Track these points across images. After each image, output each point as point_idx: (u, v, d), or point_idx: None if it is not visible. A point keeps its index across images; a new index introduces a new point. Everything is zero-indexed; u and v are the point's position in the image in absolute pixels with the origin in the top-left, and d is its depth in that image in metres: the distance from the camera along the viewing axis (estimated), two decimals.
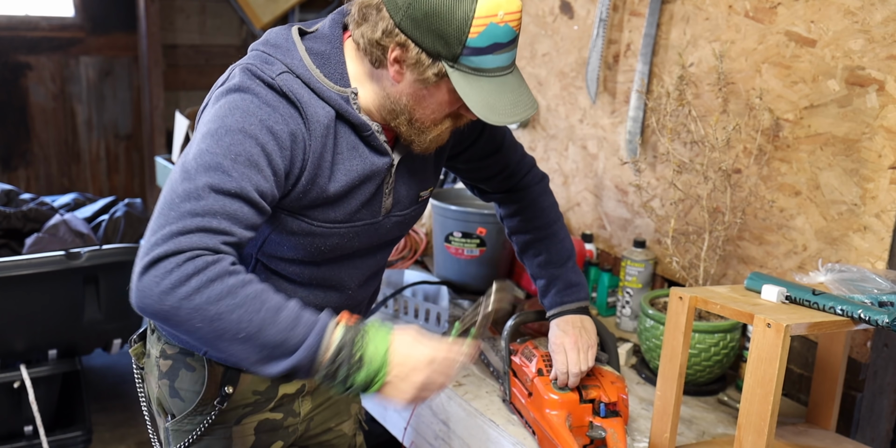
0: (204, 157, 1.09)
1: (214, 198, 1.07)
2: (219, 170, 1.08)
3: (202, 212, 1.06)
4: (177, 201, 1.06)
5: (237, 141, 1.10)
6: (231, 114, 1.12)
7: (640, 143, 2.09)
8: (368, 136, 1.24)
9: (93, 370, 3.36)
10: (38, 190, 4.39)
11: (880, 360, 1.65)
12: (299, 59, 1.20)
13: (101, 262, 2.55)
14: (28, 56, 4.24)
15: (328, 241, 1.27)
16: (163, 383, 1.38)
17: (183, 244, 1.03)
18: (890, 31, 1.51)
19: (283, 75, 1.17)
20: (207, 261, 1.03)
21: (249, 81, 1.16)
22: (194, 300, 1.02)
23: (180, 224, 1.04)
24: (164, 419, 1.41)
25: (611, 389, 1.48)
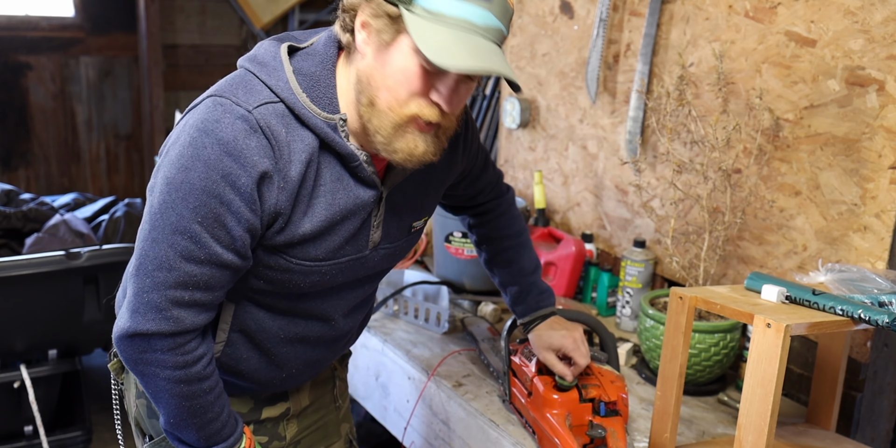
0: (170, 216, 1.06)
1: (186, 267, 1.08)
2: (187, 234, 1.06)
3: (175, 284, 1.08)
4: (150, 268, 1.08)
5: (202, 202, 1.05)
6: (194, 166, 1.05)
7: (640, 143, 2.09)
8: (355, 167, 1.15)
9: (93, 370, 3.36)
10: (38, 190, 4.39)
11: (880, 360, 1.65)
12: (285, 81, 1.11)
13: (101, 262, 2.55)
14: (28, 56, 4.24)
15: (308, 278, 1.20)
16: (140, 403, 1.34)
17: (163, 326, 1.09)
18: (890, 31, 1.51)
19: (261, 108, 1.08)
20: (187, 360, 1.13)
21: (216, 121, 1.06)
22: (161, 385, 1.14)
23: (157, 295, 1.08)
24: (142, 441, 1.36)
25: (611, 389, 1.48)
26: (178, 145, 1.08)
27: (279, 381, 1.34)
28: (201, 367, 1.15)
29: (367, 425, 2.54)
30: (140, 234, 1.11)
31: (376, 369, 2.01)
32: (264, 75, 1.11)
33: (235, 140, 1.05)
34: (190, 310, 1.10)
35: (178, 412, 1.16)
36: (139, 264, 1.10)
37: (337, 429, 1.54)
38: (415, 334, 2.00)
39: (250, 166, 1.06)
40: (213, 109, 1.08)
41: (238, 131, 1.06)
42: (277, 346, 1.28)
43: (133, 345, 1.11)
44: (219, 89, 1.12)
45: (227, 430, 1.21)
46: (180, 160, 1.06)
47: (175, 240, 1.06)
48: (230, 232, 1.08)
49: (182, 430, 1.18)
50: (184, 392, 1.14)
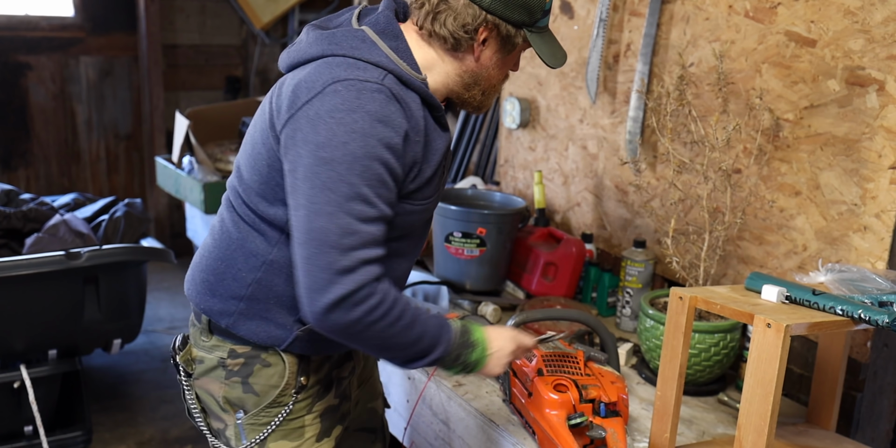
0: (341, 187, 1.20)
1: (364, 229, 1.22)
2: (360, 199, 1.21)
3: (359, 245, 1.22)
4: (334, 239, 1.21)
5: (366, 167, 1.21)
6: (351, 139, 1.20)
7: (640, 143, 2.09)
8: (440, 117, 1.36)
9: (93, 370, 3.36)
10: (38, 190, 4.39)
11: (880, 360, 1.65)
12: (385, 56, 1.29)
13: (101, 262, 2.55)
14: (28, 56, 4.24)
15: (422, 215, 1.40)
16: (233, 381, 1.43)
17: (357, 282, 1.21)
18: (890, 31, 1.51)
19: (387, 78, 1.26)
20: (381, 298, 1.24)
21: (356, 98, 1.21)
22: (377, 326, 1.25)
23: (345, 261, 1.21)
24: (233, 415, 1.45)
25: (611, 389, 1.48)
26: (321, 129, 1.21)
27: None
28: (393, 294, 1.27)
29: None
30: (308, 212, 1.22)
31: None
32: (365, 54, 1.28)
33: (381, 108, 1.22)
34: (374, 264, 1.24)
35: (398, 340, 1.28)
36: (320, 240, 1.21)
37: (376, 387, 1.68)
38: None
39: (398, 127, 1.24)
40: (346, 90, 1.22)
41: (380, 101, 1.23)
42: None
43: (339, 313, 1.21)
44: (335, 75, 1.24)
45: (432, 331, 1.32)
46: (333, 140, 1.20)
47: (351, 207, 1.21)
48: (390, 188, 1.25)
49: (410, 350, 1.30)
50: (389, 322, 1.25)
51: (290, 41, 4.77)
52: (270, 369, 1.42)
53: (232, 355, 1.42)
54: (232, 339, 1.42)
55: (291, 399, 1.44)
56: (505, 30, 1.32)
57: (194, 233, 3.53)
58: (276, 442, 1.44)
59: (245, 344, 1.42)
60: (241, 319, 1.39)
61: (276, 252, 1.36)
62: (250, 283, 1.38)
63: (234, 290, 1.39)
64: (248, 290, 1.38)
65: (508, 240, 2.17)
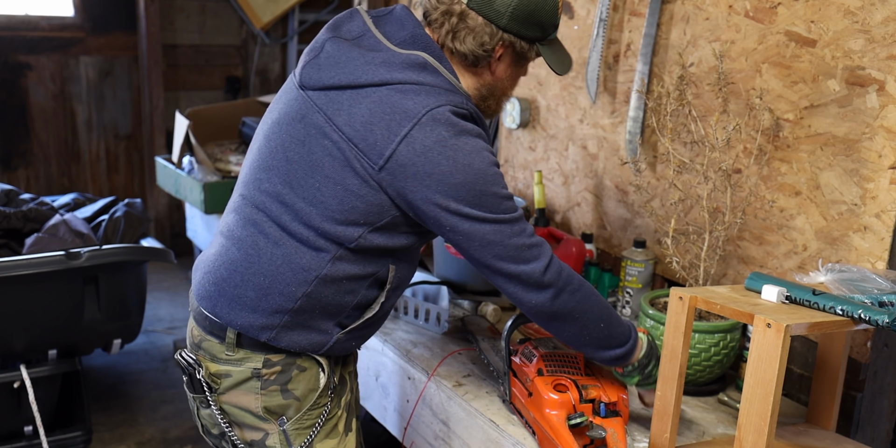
0: (487, 199, 1.33)
1: (523, 223, 1.38)
2: (499, 196, 1.34)
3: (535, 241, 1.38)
4: (508, 231, 1.35)
5: (493, 173, 1.34)
6: (473, 157, 1.31)
7: (640, 143, 2.09)
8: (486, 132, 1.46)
9: (93, 370, 3.36)
10: (38, 190, 4.39)
11: (880, 360, 1.65)
12: (447, 80, 1.37)
13: (101, 262, 2.55)
14: (28, 56, 4.24)
15: None
16: (271, 390, 1.44)
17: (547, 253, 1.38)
18: (890, 31, 1.51)
19: (468, 103, 1.36)
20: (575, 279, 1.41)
21: (460, 124, 1.32)
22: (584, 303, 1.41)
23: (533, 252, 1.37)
24: (275, 423, 1.45)
25: (611, 389, 1.48)
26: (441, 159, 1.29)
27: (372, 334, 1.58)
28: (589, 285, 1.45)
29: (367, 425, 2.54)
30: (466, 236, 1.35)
31: (376, 369, 2.01)
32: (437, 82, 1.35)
33: (475, 131, 1.34)
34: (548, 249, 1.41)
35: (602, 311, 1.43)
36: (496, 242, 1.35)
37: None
38: (415, 334, 2.00)
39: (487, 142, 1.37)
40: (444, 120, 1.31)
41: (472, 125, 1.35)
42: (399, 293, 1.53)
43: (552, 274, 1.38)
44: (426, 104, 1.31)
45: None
46: (456, 164, 1.30)
47: (507, 206, 1.36)
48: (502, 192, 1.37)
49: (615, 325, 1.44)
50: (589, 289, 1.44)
51: (290, 41, 4.79)
52: (307, 373, 1.45)
53: (267, 365, 1.42)
54: (264, 351, 1.42)
55: (328, 399, 1.47)
56: (520, 46, 1.40)
57: (194, 233, 3.53)
58: (322, 442, 1.48)
59: (279, 352, 1.42)
60: (283, 332, 1.39)
61: (330, 267, 1.37)
62: (300, 297, 1.37)
63: (280, 305, 1.38)
64: (296, 304, 1.38)
65: None
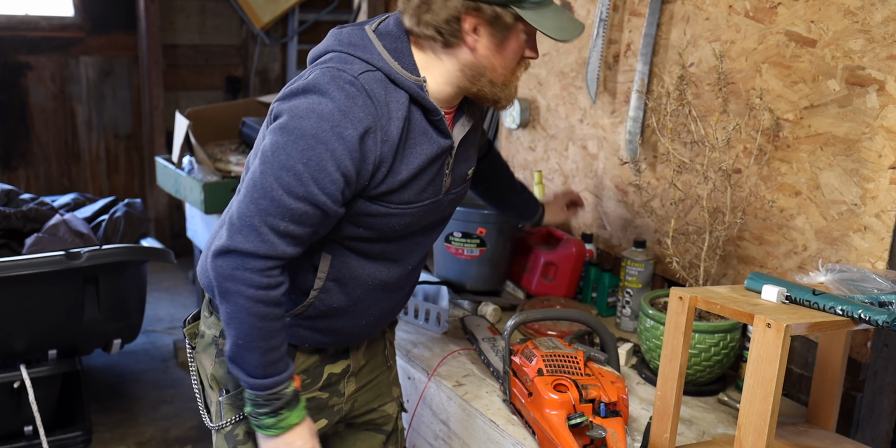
0: (280, 154, 1.24)
1: (285, 200, 1.24)
2: (291, 171, 1.24)
3: (275, 212, 1.25)
4: (256, 196, 1.25)
5: (309, 146, 1.23)
6: (307, 116, 1.24)
7: (640, 143, 2.09)
8: (437, 121, 1.36)
9: (93, 370, 3.36)
10: (38, 190, 4.39)
11: (880, 360, 1.65)
12: (378, 54, 1.32)
13: (101, 262, 2.55)
14: (28, 56, 4.24)
15: (402, 220, 1.39)
16: (220, 361, 1.47)
17: (259, 247, 1.26)
18: (890, 31, 1.51)
19: (364, 75, 1.28)
20: (270, 283, 1.28)
21: (328, 84, 1.26)
22: (240, 302, 1.28)
23: (258, 220, 1.25)
24: (218, 394, 1.50)
25: (611, 389, 1.48)
26: (297, 99, 1.27)
27: (358, 330, 1.51)
28: (279, 293, 1.30)
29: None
30: (251, 169, 1.28)
31: None
32: (358, 52, 1.32)
33: (345, 99, 1.25)
34: (282, 239, 1.26)
35: (248, 332, 1.30)
36: (246, 192, 1.27)
37: (389, 389, 1.67)
38: (415, 334, 2.00)
39: (356, 121, 1.25)
40: (324, 74, 1.27)
41: (347, 92, 1.26)
42: (364, 292, 1.45)
43: (228, 261, 1.26)
44: (326, 62, 1.31)
45: (283, 365, 1.35)
46: (296, 111, 1.25)
47: (281, 175, 1.24)
48: (329, 175, 1.24)
49: (246, 353, 1.31)
50: (260, 312, 1.29)
51: (290, 41, 4.79)
52: None
53: (223, 335, 1.45)
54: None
55: None
56: (491, 11, 1.29)
57: (194, 233, 3.53)
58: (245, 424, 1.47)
59: None
60: None
61: None
62: None
63: None
64: None
65: (508, 240, 2.17)
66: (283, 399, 1.35)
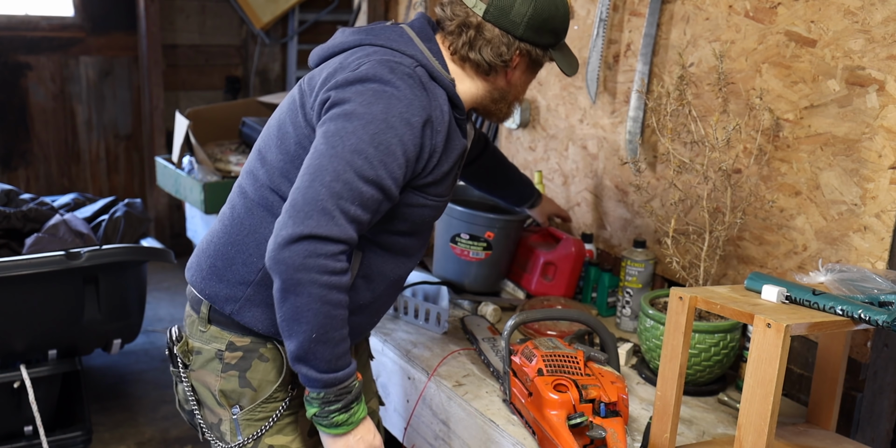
0: (351, 138, 1.25)
1: (357, 183, 1.24)
2: (363, 155, 1.25)
3: (346, 195, 1.24)
4: (328, 178, 1.24)
5: (380, 130, 1.26)
6: (376, 102, 1.27)
7: (640, 143, 2.09)
8: (462, 120, 1.43)
9: (93, 370, 3.36)
10: (38, 190, 4.39)
11: (880, 360, 1.65)
12: (421, 52, 1.38)
13: (101, 262, 2.55)
14: (28, 56, 4.24)
15: (433, 212, 1.44)
16: (229, 375, 1.43)
17: (333, 231, 1.23)
18: (890, 31, 1.51)
19: (418, 68, 1.34)
20: (343, 267, 1.25)
21: (389, 74, 1.29)
22: (314, 291, 1.23)
23: (328, 203, 1.23)
24: (230, 410, 1.45)
25: (611, 389, 1.48)
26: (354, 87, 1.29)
27: (369, 327, 1.54)
28: (349, 279, 1.28)
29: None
30: (314, 155, 1.27)
31: (376, 369, 2.01)
32: (402, 47, 1.37)
33: (408, 88, 1.30)
34: (352, 224, 1.25)
35: (324, 323, 1.25)
36: (314, 175, 1.24)
37: (370, 385, 1.69)
38: (415, 334, 2.00)
39: (420, 109, 1.30)
40: (382, 66, 1.31)
41: (409, 83, 1.30)
42: (385, 287, 1.47)
43: (300, 249, 1.21)
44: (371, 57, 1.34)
45: (348, 358, 1.32)
46: (362, 97, 1.27)
47: (353, 158, 1.24)
48: (396, 160, 1.27)
49: (320, 347, 1.26)
50: (333, 300, 1.25)
51: (290, 41, 4.78)
52: (268, 364, 1.43)
53: (230, 348, 1.43)
54: (231, 330, 1.43)
55: (288, 395, 1.44)
56: (535, 54, 1.42)
57: (194, 233, 3.53)
58: (272, 437, 1.45)
59: (245, 336, 1.42)
60: (247, 305, 1.40)
61: None
62: (260, 268, 1.39)
63: (243, 276, 1.40)
64: (257, 275, 1.39)
65: (513, 243, 2.17)
66: (353, 391, 1.32)
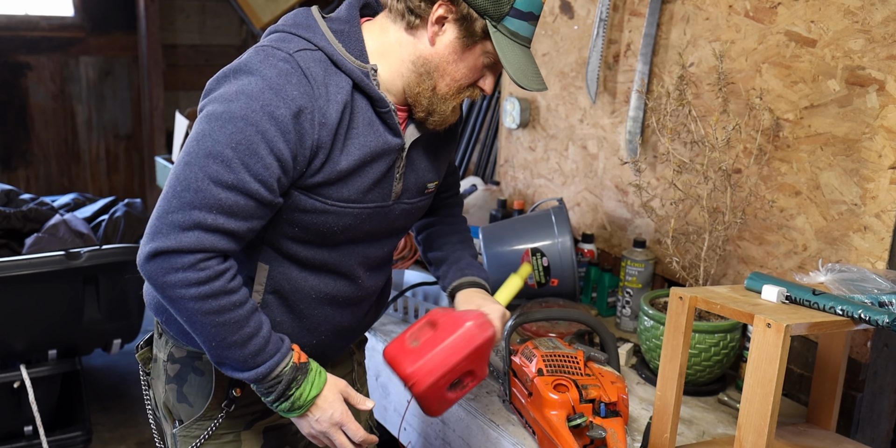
0: (206, 141, 1.13)
1: (213, 190, 1.12)
2: (219, 158, 1.12)
3: (200, 204, 1.12)
4: (179, 188, 1.13)
5: (238, 129, 1.13)
6: (236, 98, 1.14)
7: (640, 143, 2.09)
8: (385, 114, 1.26)
9: (93, 370, 3.36)
10: (38, 190, 4.39)
11: (880, 360, 1.65)
12: (321, 34, 1.24)
13: (101, 262, 2.55)
14: (28, 56, 4.24)
15: (341, 220, 1.28)
16: (170, 388, 1.37)
17: (183, 243, 1.12)
18: (890, 31, 1.51)
19: (301, 53, 1.19)
20: (209, 275, 1.14)
21: (259, 62, 1.17)
22: (188, 305, 1.16)
23: (180, 215, 1.12)
24: (171, 425, 1.39)
25: (611, 389, 1.48)
26: (224, 86, 1.17)
27: (310, 348, 1.38)
28: (224, 281, 1.17)
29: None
30: (175, 164, 1.17)
31: (376, 369, 2.01)
32: (301, 31, 1.24)
33: (277, 77, 1.15)
34: (212, 234, 1.14)
35: (214, 332, 1.17)
36: (169, 186, 1.15)
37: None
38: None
39: (289, 99, 1.15)
40: (256, 54, 1.19)
41: (279, 70, 1.16)
42: (310, 307, 1.34)
43: (156, 266, 1.13)
44: (262, 42, 1.24)
45: (272, 347, 1.23)
46: (225, 95, 1.15)
47: (207, 163, 1.13)
48: (261, 160, 1.14)
49: (226, 352, 1.19)
50: (213, 308, 1.16)
51: None
52: (203, 378, 1.35)
53: (171, 359, 1.37)
54: (173, 340, 1.37)
55: (221, 412, 1.35)
56: (466, 10, 1.21)
57: None
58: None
59: (182, 346, 1.36)
60: (172, 317, 1.32)
61: None
62: None
63: None
64: None
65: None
66: (283, 380, 1.23)
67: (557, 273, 2.11)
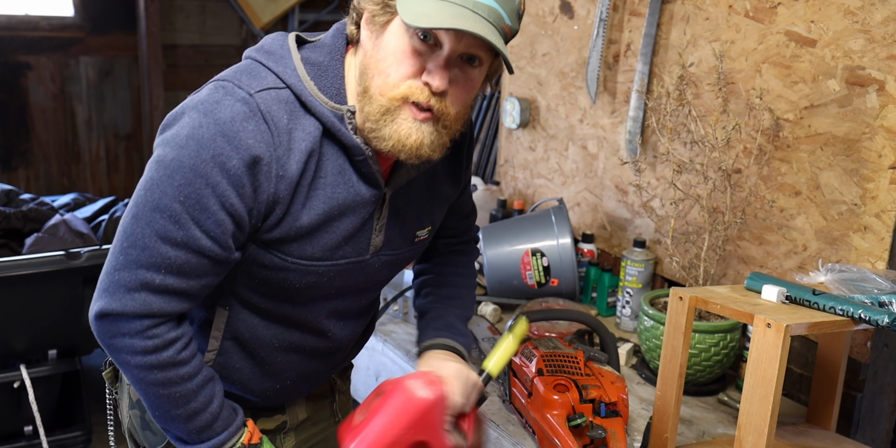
0: (154, 193, 1.03)
1: (160, 248, 1.03)
2: (167, 213, 1.02)
3: (147, 263, 1.03)
4: (126, 244, 1.05)
5: (187, 181, 1.01)
6: (186, 144, 1.02)
7: (640, 143, 2.09)
8: (360, 162, 1.11)
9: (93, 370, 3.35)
10: (38, 190, 4.39)
11: (880, 360, 1.65)
12: (293, 68, 1.08)
13: (101, 262, 2.54)
14: (28, 56, 4.24)
15: (304, 279, 1.15)
16: (133, 414, 1.29)
17: (128, 306, 1.04)
18: (890, 31, 1.51)
19: (263, 93, 1.05)
20: (157, 344, 1.06)
21: (215, 103, 1.03)
22: (133, 372, 1.08)
23: (126, 274, 1.04)
24: None
25: (611, 389, 1.48)
26: (176, 126, 1.05)
27: (273, 393, 1.28)
28: (174, 351, 1.07)
29: None
30: (124, 214, 1.07)
31: (376, 369, 2.01)
32: (271, 63, 1.09)
33: (232, 121, 1.02)
34: (160, 295, 1.05)
35: (158, 402, 1.10)
36: (116, 240, 1.06)
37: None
38: (415, 334, 1.99)
39: (243, 149, 1.02)
40: (214, 92, 1.05)
41: (236, 113, 1.02)
42: (271, 355, 1.23)
43: (102, 327, 1.06)
44: (223, 75, 1.09)
45: (221, 424, 1.13)
46: (175, 139, 1.03)
47: (154, 217, 1.02)
48: (212, 215, 1.03)
49: (168, 423, 1.12)
50: (158, 379, 1.07)
51: None
52: None
53: None
54: None
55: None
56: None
57: None
58: None
59: None
60: None
61: None
62: None
63: None
64: None
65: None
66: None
67: (557, 273, 2.11)
